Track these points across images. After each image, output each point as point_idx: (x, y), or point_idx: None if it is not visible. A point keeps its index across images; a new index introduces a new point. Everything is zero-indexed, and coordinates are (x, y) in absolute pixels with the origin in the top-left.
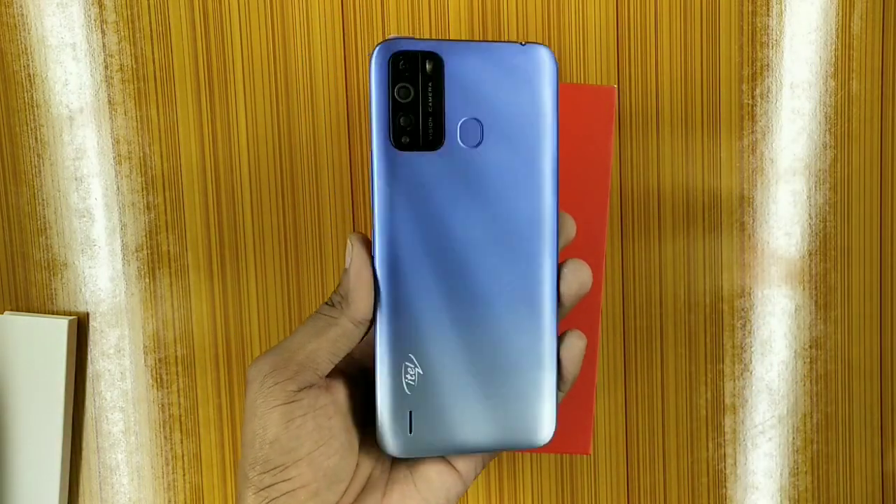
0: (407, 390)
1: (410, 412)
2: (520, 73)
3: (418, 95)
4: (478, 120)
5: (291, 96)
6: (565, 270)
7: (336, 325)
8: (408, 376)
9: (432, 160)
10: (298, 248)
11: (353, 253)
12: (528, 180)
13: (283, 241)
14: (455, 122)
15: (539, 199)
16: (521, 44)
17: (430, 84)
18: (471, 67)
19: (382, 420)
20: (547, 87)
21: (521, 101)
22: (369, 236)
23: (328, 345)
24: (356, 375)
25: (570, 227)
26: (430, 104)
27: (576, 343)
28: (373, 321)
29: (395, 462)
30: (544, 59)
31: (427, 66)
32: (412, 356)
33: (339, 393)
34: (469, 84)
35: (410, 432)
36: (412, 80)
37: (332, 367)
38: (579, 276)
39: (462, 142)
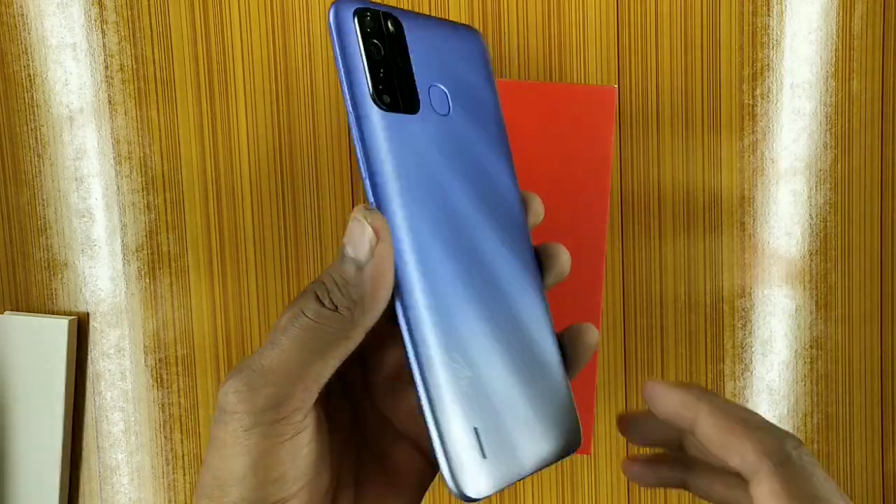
0: (466, 402)
1: (476, 429)
2: (463, 50)
3: (389, 54)
4: (442, 88)
5: (291, 96)
6: (546, 254)
7: (348, 339)
8: (462, 382)
9: (414, 125)
10: (298, 248)
11: (378, 246)
12: (491, 155)
13: (283, 240)
14: (424, 86)
15: (505, 174)
16: (454, 23)
17: (396, 44)
18: (425, 35)
19: (452, 453)
20: (487, 67)
21: (469, 75)
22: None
23: (335, 363)
24: (338, 388)
25: (539, 207)
26: (401, 64)
27: (590, 332)
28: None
29: (362, 454)
30: (479, 41)
31: (390, 26)
32: (457, 355)
33: (333, 416)
34: (426, 51)
35: (485, 457)
36: (380, 38)
37: (326, 380)
38: (561, 259)
39: (435, 108)
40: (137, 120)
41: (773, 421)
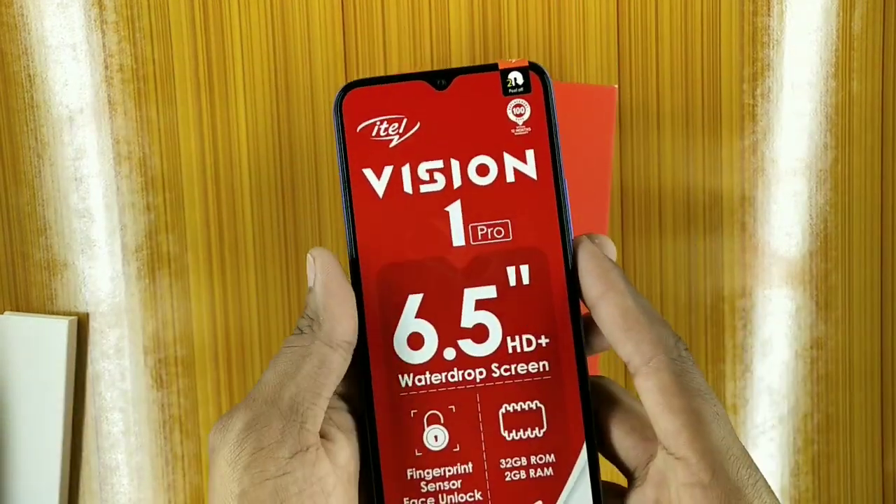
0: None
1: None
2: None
3: None
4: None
5: (291, 96)
6: None
7: (309, 356)
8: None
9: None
10: (298, 248)
11: (316, 266)
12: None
13: (283, 240)
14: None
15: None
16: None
17: None
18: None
19: None
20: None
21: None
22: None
23: (310, 382)
24: (351, 423)
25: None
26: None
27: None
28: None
29: None
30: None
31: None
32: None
33: (338, 454)
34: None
35: None
36: None
37: (323, 413)
38: None
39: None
40: (137, 120)
41: (774, 422)
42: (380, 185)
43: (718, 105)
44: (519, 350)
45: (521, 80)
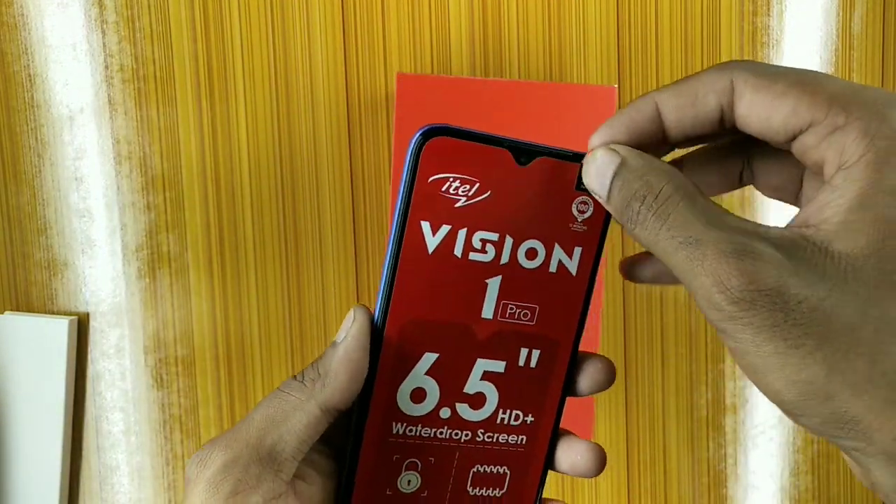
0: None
1: None
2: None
3: None
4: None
5: (291, 96)
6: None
7: (301, 411)
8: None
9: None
10: (298, 248)
11: (353, 328)
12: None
13: (283, 240)
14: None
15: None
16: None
17: None
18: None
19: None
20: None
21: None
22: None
23: (293, 437)
24: (329, 466)
25: (600, 375)
26: None
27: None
28: (354, 409)
29: None
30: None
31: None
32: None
33: (313, 496)
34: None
35: None
36: None
37: (298, 462)
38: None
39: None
40: (137, 120)
41: (774, 421)
42: (433, 241)
43: None
44: (506, 422)
45: None
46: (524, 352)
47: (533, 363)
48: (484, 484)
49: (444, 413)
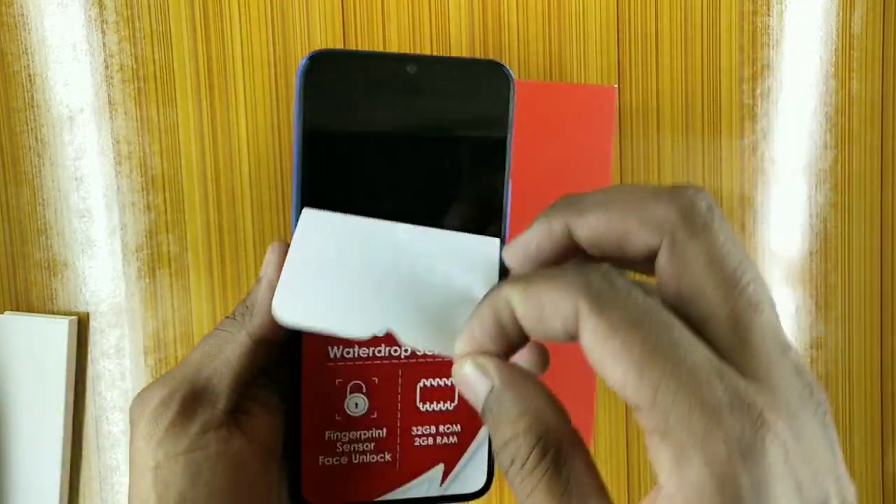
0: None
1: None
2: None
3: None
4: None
5: (292, 96)
6: None
7: (233, 342)
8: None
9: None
10: None
11: (272, 260)
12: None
13: (283, 240)
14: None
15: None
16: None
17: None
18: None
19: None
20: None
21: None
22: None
23: (227, 368)
24: (273, 400)
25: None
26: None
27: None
28: (294, 343)
29: None
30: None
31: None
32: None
33: (256, 429)
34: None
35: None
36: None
37: (237, 394)
38: None
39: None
40: (137, 120)
41: None
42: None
43: (718, 105)
44: None
45: None
46: None
47: None
48: (434, 398)
49: None
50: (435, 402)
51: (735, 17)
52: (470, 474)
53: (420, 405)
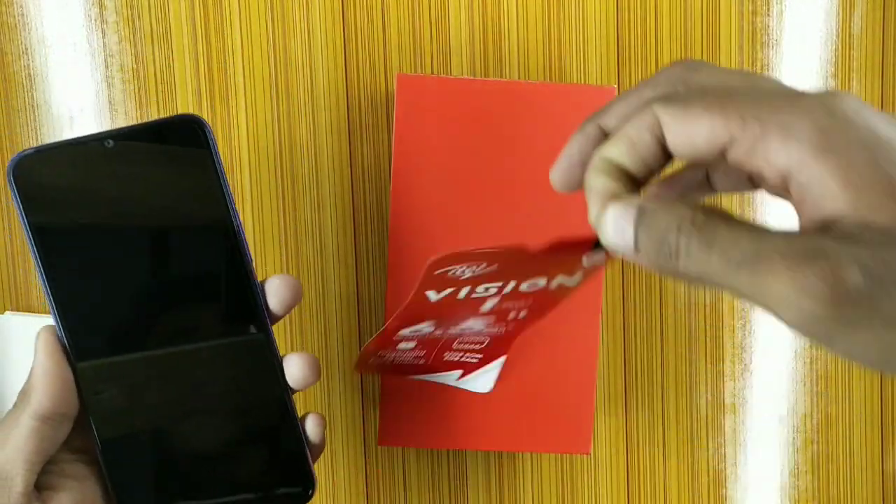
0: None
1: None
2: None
3: None
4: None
5: (292, 96)
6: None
7: (18, 427)
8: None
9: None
10: (299, 249)
11: (37, 344)
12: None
13: (284, 240)
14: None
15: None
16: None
17: None
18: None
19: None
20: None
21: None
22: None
23: (16, 452)
24: (80, 470)
25: (285, 291)
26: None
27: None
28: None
29: None
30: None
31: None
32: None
33: (65, 499)
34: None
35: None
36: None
37: (35, 475)
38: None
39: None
40: (137, 120)
41: (774, 421)
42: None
43: None
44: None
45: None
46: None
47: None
48: (468, 344)
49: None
50: (469, 344)
51: (735, 17)
52: (478, 383)
53: (455, 345)
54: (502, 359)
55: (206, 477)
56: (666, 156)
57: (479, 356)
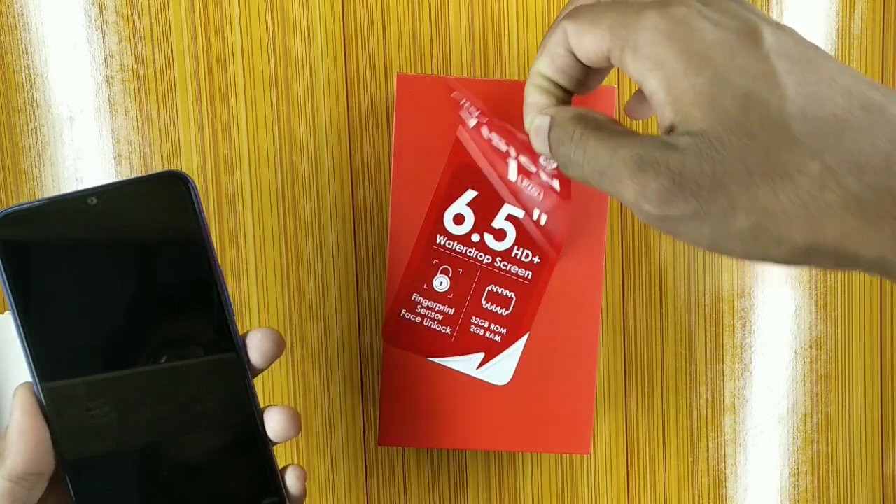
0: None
1: None
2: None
3: None
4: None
5: (292, 96)
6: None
7: None
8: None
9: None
10: (299, 248)
11: (13, 402)
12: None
13: (284, 240)
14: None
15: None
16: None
17: None
18: None
19: None
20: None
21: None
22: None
23: None
24: None
25: (266, 344)
26: None
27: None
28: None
29: None
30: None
31: None
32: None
33: None
34: None
35: None
36: None
37: None
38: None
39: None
40: (137, 120)
41: (773, 421)
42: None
43: None
44: (519, 257)
45: None
46: (536, 211)
47: (543, 221)
48: (496, 302)
49: (475, 238)
50: (495, 305)
51: None
52: (499, 371)
53: (484, 302)
54: (522, 341)
55: None
56: (580, 62)
57: (504, 331)
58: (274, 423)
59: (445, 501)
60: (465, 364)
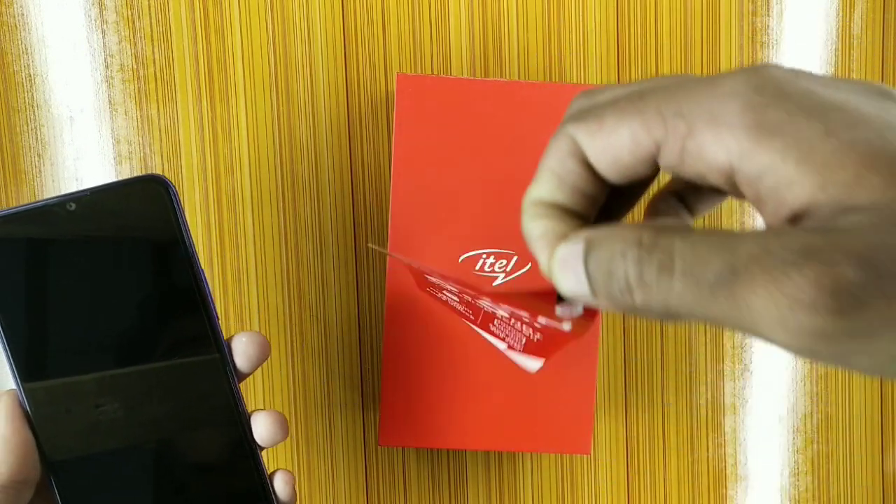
0: None
1: None
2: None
3: None
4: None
5: (292, 96)
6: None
7: None
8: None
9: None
10: (299, 248)
11: (1, 415)
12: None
13: (284, 240)
14: None
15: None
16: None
17: None
18: None
19: None
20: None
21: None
22: None
23: None
24: None
25: (252, 349)
26: None
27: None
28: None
29: None
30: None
31: None
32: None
33: None
34: None
35: None
36: None
37: None
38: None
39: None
40: (137, 120)
41: (773, 421)
42: None
43: None
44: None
45: None
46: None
47: (536, 338)
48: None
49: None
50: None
51: (735, 18)
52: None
53: (492, 327)
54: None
55: None
56: (600, 179)
57: (524, 342)
58: (261, 428)
59: (445, 501)
60: (494, 342)
